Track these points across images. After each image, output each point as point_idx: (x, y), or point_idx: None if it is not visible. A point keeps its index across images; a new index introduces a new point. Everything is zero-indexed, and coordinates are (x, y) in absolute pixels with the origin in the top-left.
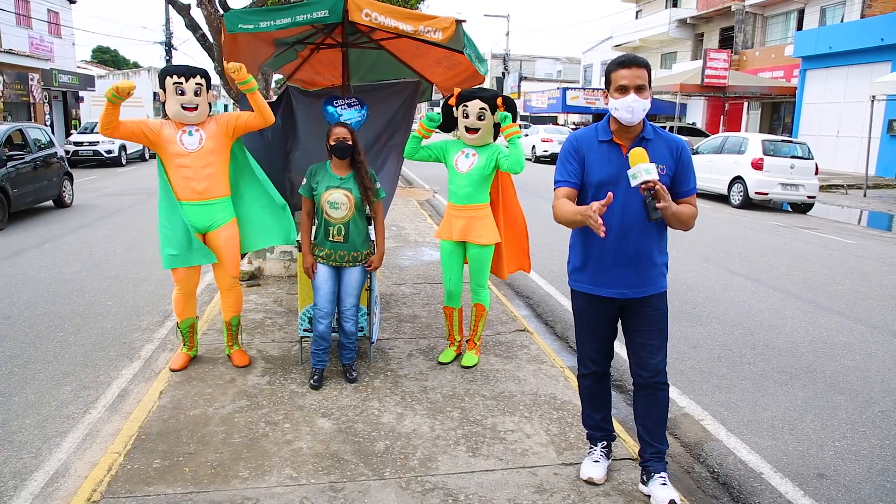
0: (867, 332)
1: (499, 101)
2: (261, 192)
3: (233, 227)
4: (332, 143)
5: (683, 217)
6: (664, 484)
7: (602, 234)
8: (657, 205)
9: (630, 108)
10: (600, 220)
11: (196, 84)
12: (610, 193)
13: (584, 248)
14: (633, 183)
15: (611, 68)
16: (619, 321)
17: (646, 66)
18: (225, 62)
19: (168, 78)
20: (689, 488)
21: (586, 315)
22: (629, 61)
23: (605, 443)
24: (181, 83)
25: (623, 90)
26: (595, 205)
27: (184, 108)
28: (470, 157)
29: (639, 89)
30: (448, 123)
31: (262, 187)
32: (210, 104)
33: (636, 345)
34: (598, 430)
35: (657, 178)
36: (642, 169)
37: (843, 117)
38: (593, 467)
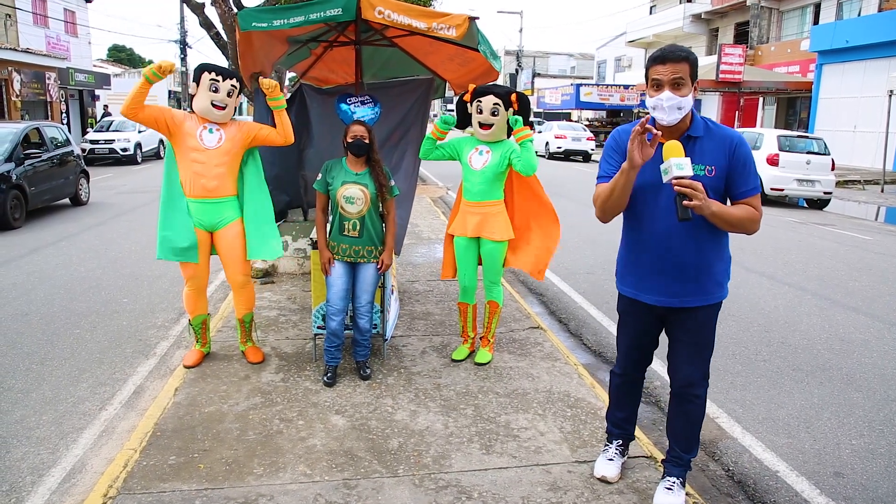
0: (884, 329)
1: (513, 97)
2: (261, 205)
3: (239, 226)
4: (350, 140)
5: (732, 219)
6: (668, 489)
7: (653, 131)
8: (684, 202)
9: (663, 107)
10: (644, 127)
11: (231, 86)
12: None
13: (628, 251)
14: (665, 178)
15: (648, 63)
16: (664, 328)
17: (685, 58)
18: (242, 68)
19: (206, 73)
20: (703, 486)
21: (627, 318)
22: (665, 56)
23: (622, 441)
24: (217, 81)
25: (658, 86)
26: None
27: (213, 104)
28: (484, 155)
29: (675, 85)
30: (462, 120)
31: (265, 201)
32: (235, 108)
33: (672, 351)
34: (618, 427)
35: (690, 173)
36: (673, 164)
37: (860, 112)
38: (607, 465)
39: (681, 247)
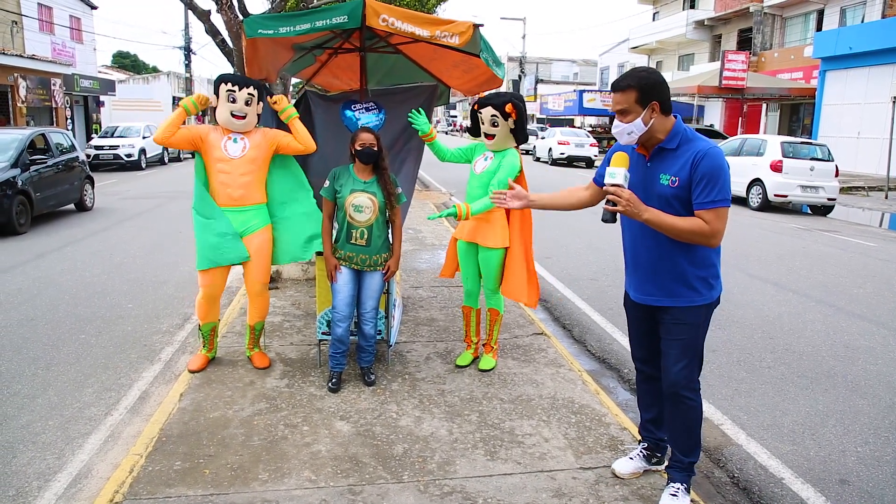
0: (889, 336)
1: (508, 108)
2: (302, 208)
3: (266, 234)
4: (359, 148)
5: (672, 230)
6: (673, 495)
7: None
8: (605, 206)
9: (616, 132)
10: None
11: (248, 94)
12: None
13: (622, 249)
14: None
15: None
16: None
17: (630, 87)
18: (248, 75)
19: (223, 85)
20: (708, 493)
21: (628, 314)
22: (612, 85)
23: (647, 444)
24: (234, 91)
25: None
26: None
27: (233, 115)
28: (487, 160)
29: (620, 113)
30: (476, 129)
31: (308, 201)
32: (259, 115)
33: (662, 350)
34: (644, 429)
35: (619, 182)
36: (607, 172)
37: (864, 118)
38: (621, 461)
39: (653, 248)
